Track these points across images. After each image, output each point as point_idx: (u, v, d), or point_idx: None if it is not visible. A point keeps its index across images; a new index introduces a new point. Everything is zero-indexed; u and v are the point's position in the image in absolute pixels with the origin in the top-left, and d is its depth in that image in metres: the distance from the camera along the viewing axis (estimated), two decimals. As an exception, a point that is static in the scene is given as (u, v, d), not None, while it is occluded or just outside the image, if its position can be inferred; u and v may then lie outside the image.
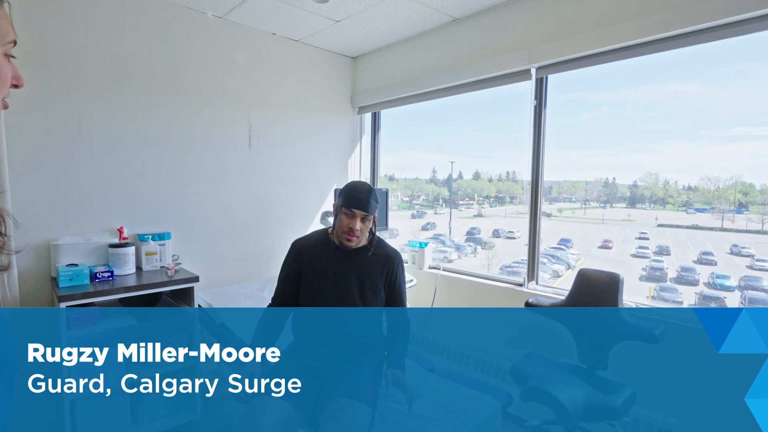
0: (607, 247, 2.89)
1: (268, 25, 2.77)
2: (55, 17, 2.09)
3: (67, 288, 1.90)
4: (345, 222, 1.56)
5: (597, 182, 2.98)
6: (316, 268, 1.64)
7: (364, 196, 1.55)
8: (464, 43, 2.65)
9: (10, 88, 0.59)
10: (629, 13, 1.95)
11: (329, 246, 1.65)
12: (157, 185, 2.46)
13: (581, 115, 2.79)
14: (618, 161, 2.79)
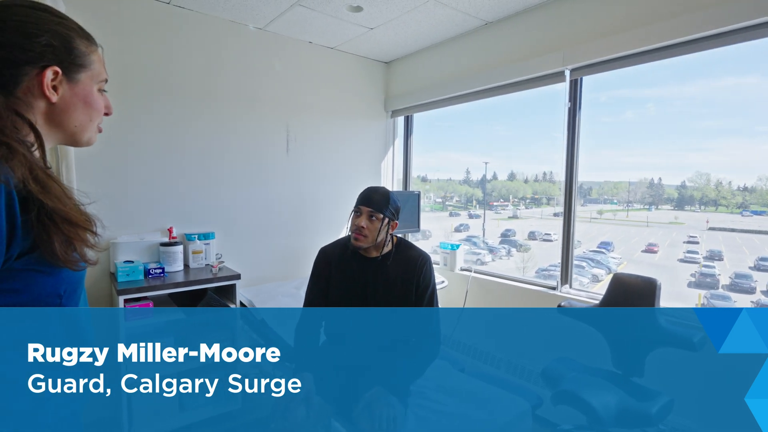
0: (651, 251, 2.75)
1: (305, 34, 2.89)
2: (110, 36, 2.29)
3: (124, 283, 2.07)
4: (353, 221, 1.59)
5: (641, 183, 2.84)
6: (343, 275, 1.67)
7: (375, 196, 1.57)
8: (497, 46, 2.65)
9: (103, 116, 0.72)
10: (669, 12, 1.90)
11: (352, 253, 1.67)
12: (203, 188, 2.63)
13: (624, 113, 2.68)
14: (664, 161, 2.63)
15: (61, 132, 0.68)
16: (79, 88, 0.66)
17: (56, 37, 0.62)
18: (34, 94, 0.62)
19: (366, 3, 2.40)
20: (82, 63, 0.66)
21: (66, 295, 0.65)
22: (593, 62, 2.19)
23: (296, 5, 2.44)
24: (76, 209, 0.63)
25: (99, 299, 2.30)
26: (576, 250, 2.95)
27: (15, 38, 0.59)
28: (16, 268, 0.57)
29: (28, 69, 0.61)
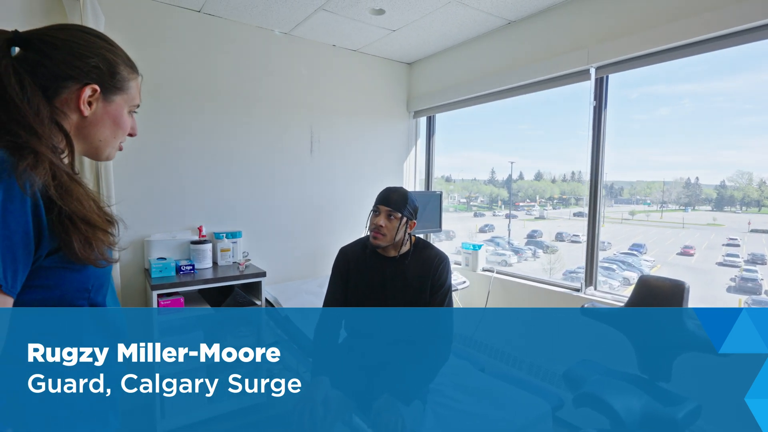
0: (687, 254, 2.62)
1: (328, 37, 2.95)
2: (146, 45, 2.41)
3: (157, 279, 2.18)
4: (372, 220, 1.62)
5: (676, 183, 2.70)
6: (361, 274, 1.70)
7: (393, 195, 1.60)
8: (520, 45, 2.63)
9: (127, 136, 0.79)
10: (700, 7, 1.85)
11: (371, 252, 1.70)
12: (231, 189, 2.73)
13: (658, 110, 2.55)
14: (702, 159, 2.47)
15: (87, 144, 0.74)
16: (111, 108, 0.73)
17: (104, 61, 0.70)
18: (70, 107, 0.69)
19: (388, 6, 2.43)
20: (121, 87, 0.73)
21: (94, 290, 0.70)
22: (619, 60, 2.15)
23: (320, 10, 2.50)
24: (97, 211, 0.67)
25: (134, 294, 2.43)
26: (606, 252, 2.87)
27: (66, 57, 0.67)
28: (45, 266, 0.62)
29: (70, 83, 0.68)
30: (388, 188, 1.66)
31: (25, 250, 0.58)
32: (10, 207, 0.56)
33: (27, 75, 0.64)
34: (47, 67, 0.66)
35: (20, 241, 0.57)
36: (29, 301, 0.62)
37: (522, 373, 2.58)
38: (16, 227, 0.57)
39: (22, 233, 0.57)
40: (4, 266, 0.56)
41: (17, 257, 0.57)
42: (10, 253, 0.56)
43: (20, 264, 0.58)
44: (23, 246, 0.58)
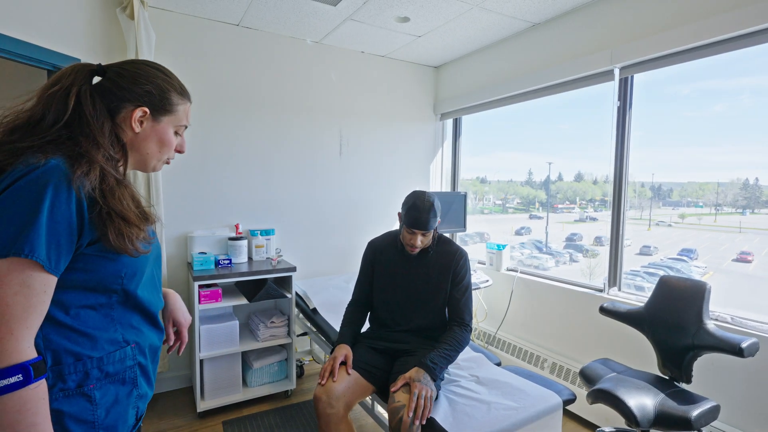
0: (745, 261, 2.42)
1: (357, 45, 3.09)
2: (190, 57, 2.63)
3: (198, 271, 2.38)
4: (407, 238, 1.74)
5: (733, 184, 2.49)
6: (386, 266, 1.86)
7: (423, 216, 1.66)
8: (544, 47, 2.66)
9: (175, 152, 0.95)
10: (720, 6, 1.82)
11: (398, 247, 1.86)
12: (266, 189, 2.92)
13: (712, 106, 2.41)
14: (763, 158, 2.31)
15: (137, 155, 0.89)
16: (159, 127, 0.88)
17: (157, 88, 0.87)
18: (127, 123, 0.85)
19: (413, 14, 2.53)
20: (169, 110, 0.89)
21: (126, 277, 0.82)
22: (643, 60, 2.14)
23: (348, 20, 2.64)
24: (135, 209, 0.81)
25: (178, 284, 2.66)
26: (652, 257, 2.78)
27: (127, 83, 0.85)
28: (86, 253, 0.76)
29: (127, 104, 0.84)
30: (417, 208, 1.67)
31: (68, 239, 0.72)
32: (57, 204, 0.69)
33: (99, 97, 0.82)
34: (113, 91, 0.84)
35: (64, 231, 0.71)
36: (72, 281, 0.76)
37: (539, 369, 2.60)
38: (61, 219, 0.70)
39: (66, 225, 0.71)
40: (48, 250, 0.69)
41: (61, 244, 0.71)
42: (54, 240, 0.70)
43: (63, 250, 0.72)
44: (67, 235, 0.71)
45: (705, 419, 1.53)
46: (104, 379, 0.81)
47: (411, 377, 1.52)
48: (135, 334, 0.87)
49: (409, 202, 1.71)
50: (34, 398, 0.68)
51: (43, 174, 0.69)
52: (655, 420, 1.56)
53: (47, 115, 0.77)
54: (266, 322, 2.55)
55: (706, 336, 1.68)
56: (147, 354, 0.90)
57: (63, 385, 0.76)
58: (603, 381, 1.77)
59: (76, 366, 0.77)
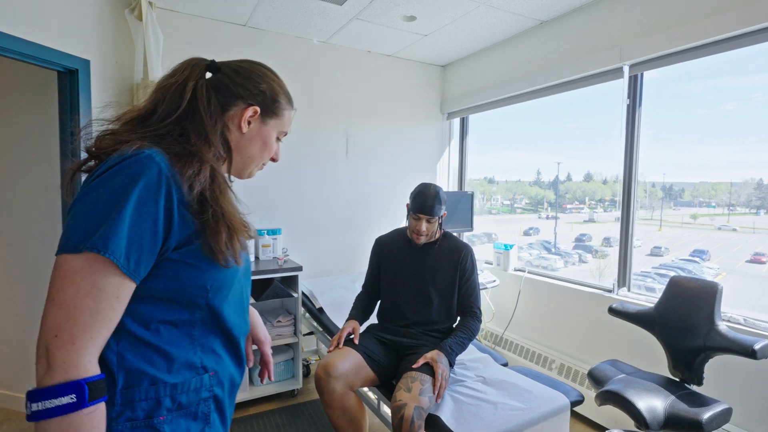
0: (759, 262, 2.39)
1: (363, 44, 3.09)
2: (201, 56, 2.65)
3: (206, 270, 2.40)
4: (413, 224, 1.80)
5: (746, 184, 2.44)
6: (393, 260, 1.89)
7: (429, 202, 1.74)
8: (552, 45, 2.63)
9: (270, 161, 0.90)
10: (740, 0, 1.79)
11: (405, 241, 1.89)
12: (272, 189, 2.93)
13: (725, 104, 2.37)
14: None
15: (239, 157, 0.83)
16: (264, 130, 0.84)
17: (269, 89, 0.84)
18: (235, 122, 0.80)
19: (419, 12, 2.52)
20: (276, 113, 0.85)
21: (212, 291, 0.72)
22: (652, 57, 2.11)
23: (354, 19, 2.64)
24: (238, 216, 0.76)
25: (186, 284, 2.68)
26: (663, 258, 2.74)
27: (243, 80, 0.81)
28: (172, 258, 0.67)
29: (239, 102, 0.80)
30: (423, 194, 1.77)
31: (152, 240, 0.63)
32: (146, 198, 0.62)
33: (213, 93, 0.78)
34: (229, 88, 0.79)
35: (149, 229, 0.62)
36: (154, 289, 0.66)
37: (546, 370, 2.58)
38: (147, 217, 0.62)
39: (151, 223, 0.62)
40: (128, 251, 0.60)
41: (143, 245, 0.62)
42: (137, 239, 0.61)
43: (145, 251, 0.62)
44: (151, 235, 0.63)
45: (717, 422, 1.50)
46: (175, 410, 0.69)
47: (433, 358, 1.61)
48: (215, 360, 0.75)
49: (416, 190, 1.81)
50: (85, 427, 0.56)
51: (134, 164, 0.62)
52: (665, 422, 1.54)
53: (159, 108, 0.73)
54: (273, 322, 2.56)
55: (717, 337, 1.65)
56: (225, 387, 0.78)
57: (131, 413, 0.64)
58: (612, 382, 1.74)
59: (148, 392, 0.66)
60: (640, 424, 1.54)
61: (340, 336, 1.76)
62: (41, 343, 0.56)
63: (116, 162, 0.62)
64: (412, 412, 1.42)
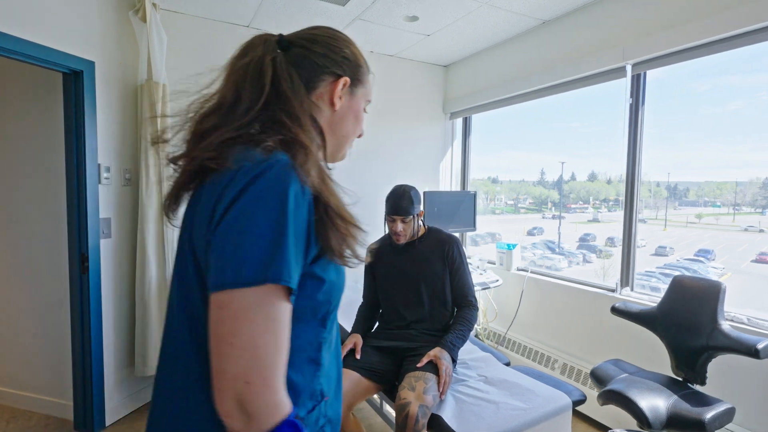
0: (763, 261, 2.38)
1: (366, 44, 3.09)
2: (199, 59, 2.67)
3: (209, 269, 2.41)
4: (390, 226, 1.86)
5: (752, 183, 2.45)
6: (384, 265, 1.93)
7: (399, 202, 1.79)
8: (554, 45, 2.63)
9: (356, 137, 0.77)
10: None
11: (391, 245, 1.93)
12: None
13: (730, 102, 2.35)
14: None
15: (333, 140, 0.71)
16: (354, 102, 0.72)
17: (352, 54, 0.71)
18: (324, 100, 0.68)
19: (421, 12, 2.53)
20: (362, 80, 0.73)
21: (333, 302, 0.64)
22: (655, 56, 2.11)
23: (357, 19, 2.64)
24: (345, 207, 0.64)
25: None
26: (668, 257, 2.72)
27: (324, 50, 0.68)
28: (308, 273, 0.57)
29: (325, 76, 0.68)
30: (394, 196, 1.83)
31: (302, 256, 0.55)
32: (299, 212, 0.54)
33: (294, 69, 0.65)
34: (310, 59, 0.67)
35: (302, 246, 0.54)
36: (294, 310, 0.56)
37: (549, 370, 2.58)
38: (301, 233, 0.54)
39: (304, 238, 0.55)
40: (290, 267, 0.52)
41: (298, 262, 0.54)
42: (296, 259, 0.53)
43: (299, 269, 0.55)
44: (303, 251, 0.55)
45: (719, 422, 1.50)
46: None
47: (436, 355, 1.64)
48: (329, 383, 0.66)
49: (388, 195, 1.86)
50: None
51: (279, 174, 0.53)
52: (668, 422, 1.53)
53: (242, 94, 0.61)
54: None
55: (720, 337, 1.64)
56: (334, 412, 0.68)
57: None
58: (614, 382, 1.74)
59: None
60: (642, 424, 1.53)
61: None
62: (228, 394, 0.49)
63: (256, 174, 0.53)
64: (417, 410, 1.43)
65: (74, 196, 2.11)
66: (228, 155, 0.56)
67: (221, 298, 0.50)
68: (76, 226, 2.12)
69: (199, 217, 0.56)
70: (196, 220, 0.57)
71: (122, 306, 2.38)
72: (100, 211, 2.20)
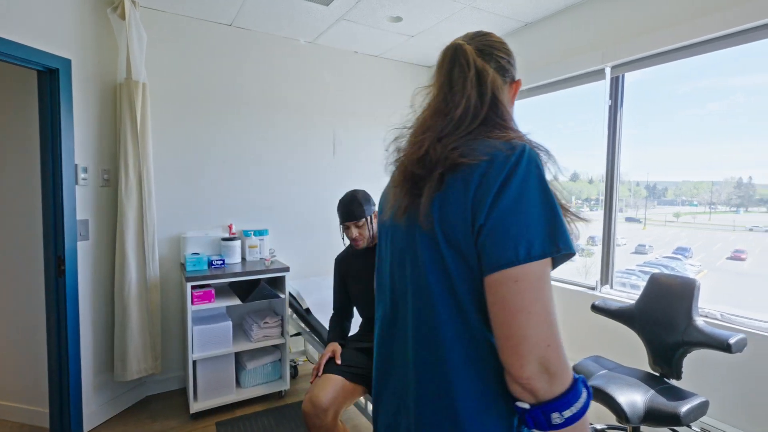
0: (738, 259, 2.42)
1: (350, 45, 3.09)
2: (182, 57, 2.63)
3: (191, 272, 2.38)
4: (346, 234, 1.86)
5: (727, 183, 2.49)
6: (353, 272, 1.93)
7: (347, 208, 1.80)
8: (536, 46, 2.67)
9: None
10: (717, 4, 1.84)
11: (356, 251, 1.93)
12: (259, 189, 2.92)
13: (708, 104, 2.43)
14: (756, 157, 2.31)
15: None
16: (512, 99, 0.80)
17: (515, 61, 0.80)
18: (509, 102, 0.76)
19: (405, 13, 2.54)
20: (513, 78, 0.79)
21: None
22: (634, 59, 2.16)
23: (341, 20, 2.64)
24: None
25: (171, 286, 2.65)
26: (647, 256, 2.78)
27: (506, 56, 0.76)
28: None
29: (509, 79, 0.76)
30: (342, 203, 1.84)
31: None
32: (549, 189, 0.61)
33: (499, 74, 0.73)
34: (504, 67, 0.75)
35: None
36: None
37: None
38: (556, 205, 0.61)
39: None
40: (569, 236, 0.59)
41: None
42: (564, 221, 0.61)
43: None
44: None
45: (694, 415, 1.54)
46: None
47: None
48: None
49: (338, 204, 1.86)
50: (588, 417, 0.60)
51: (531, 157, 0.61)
52: (645, 416, 1.57)
53: (470, 102, 0.68)
54: (260, 323, 2.54)
55: (695, 332, 1.69)
56: None
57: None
58: (594, 378, 1.77)
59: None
60: (621, 419, 1.57)
61: (320, 363, 1.72)
62: (531, 358, 0.55)
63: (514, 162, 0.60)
64: None
65: (50, 198, 2.06)
66: (473, 150, 0.62)
67: (515, 272, 0.56)
68: (52, 228, 2.07)
69: (453, 210, 0.61)
70: (449, 214, 0.61)
71: (101, 309, 2.33)
72: (77, 212, 2.15)
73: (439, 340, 0.64)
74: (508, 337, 0.56)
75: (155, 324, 2.44)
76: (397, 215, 0.71)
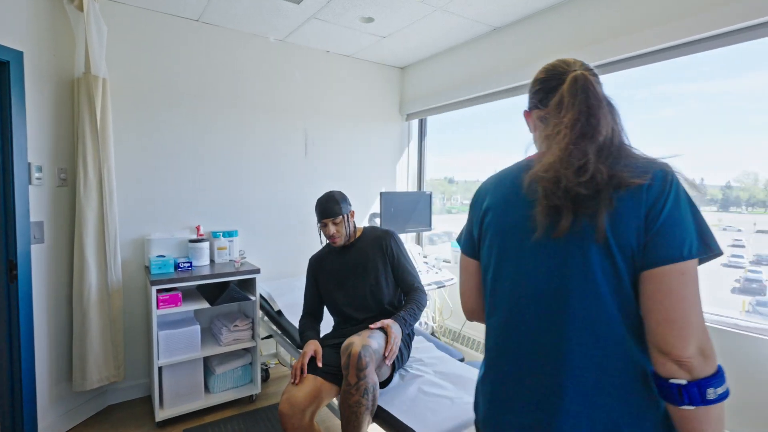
0: None
1: (322, 44, 3.07)
2: (147, 52, 2.53)
3: (156, 275, 2.29)
4: (323, 231, 1.89)
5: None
6: (327, 270, 1.94)
7: (325, 205, 1.85)
8: (505, 50, 2.74)
9: None
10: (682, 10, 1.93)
11: (332, 250, 1.95)
12: (228, 190, 2.85)
13: (662, 110, 2.58)
14: (707, 160, 2.49)
15: None
16: None
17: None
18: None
19: (377, 14, 2.54)
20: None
21: None
22: (600, 64, 2.25)
23: (312, 18, 2.62)
24: None
25: (134, 290, 2.55)
26: None
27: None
28: None
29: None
30: (319, 202, 1.89)
31: None
32: None
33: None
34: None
35: None
36: None
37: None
38: None
39: None
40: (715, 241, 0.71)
41: None
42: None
43: None
44: None
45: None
46: None
47: (387, 324, 1.67)
48: None
49: (316, 202, 1.91)
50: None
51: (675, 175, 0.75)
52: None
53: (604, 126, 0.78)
54: (229, 326, 2.48)
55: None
56: None
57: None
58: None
59: None
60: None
61: (303, 363, 1.66)
62: (692, 341, 0.66)
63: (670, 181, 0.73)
64: (359, 349, 1.48)
65: (0, 198, 1.94)
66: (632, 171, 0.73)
67: (682, 267, 0.68)
68: (3, 231, 1.94)
69: (626, 222, 0.72)
70: (621, 226, 0.72)
71: (59, 316, 2.21)
72: (31, 214, 2.03)
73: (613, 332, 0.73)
74: (673, 321, 0.67)
75: (117, 330, 2.34)
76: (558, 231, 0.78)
